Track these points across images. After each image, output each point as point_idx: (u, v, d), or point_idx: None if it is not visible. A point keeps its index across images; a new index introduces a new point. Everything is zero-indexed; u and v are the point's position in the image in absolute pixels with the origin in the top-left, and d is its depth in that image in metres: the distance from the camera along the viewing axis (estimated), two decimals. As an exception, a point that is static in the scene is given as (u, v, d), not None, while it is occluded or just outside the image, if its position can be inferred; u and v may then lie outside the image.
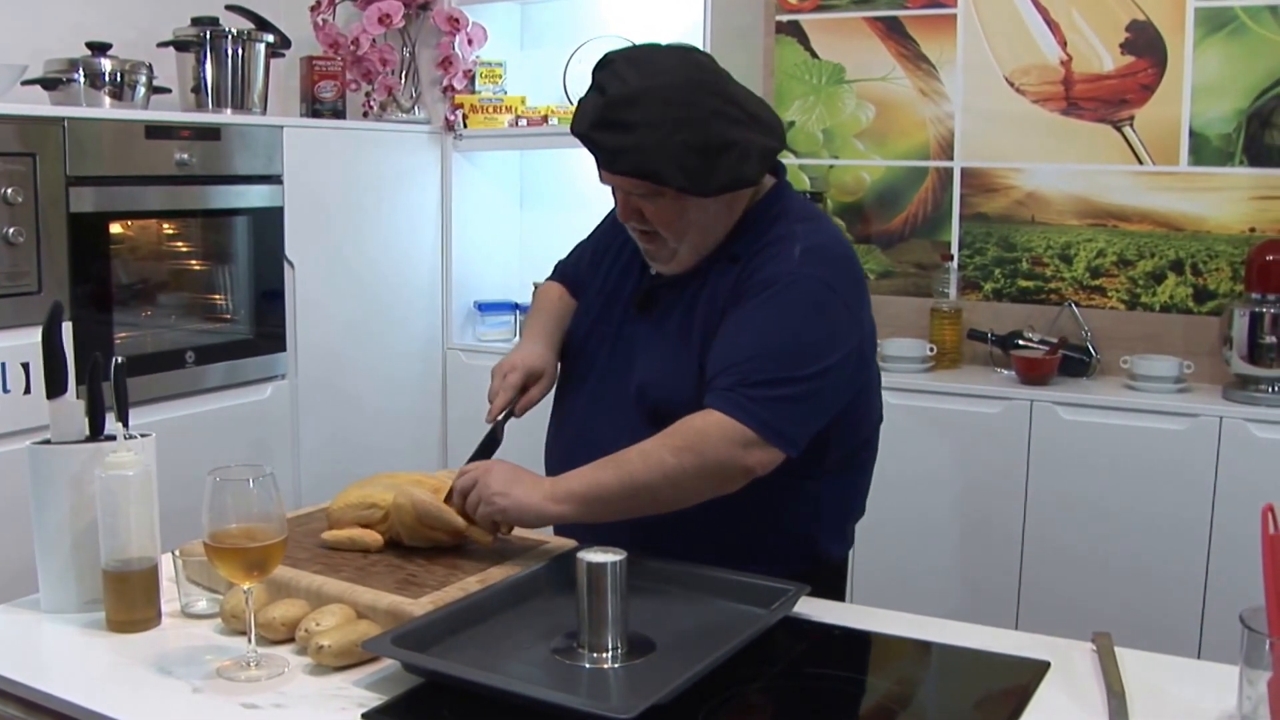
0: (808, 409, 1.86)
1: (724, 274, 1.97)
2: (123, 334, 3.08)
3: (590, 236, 2.31)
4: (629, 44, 2.07)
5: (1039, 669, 1.59)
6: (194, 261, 3.38)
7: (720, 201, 1.94)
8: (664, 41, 2.00)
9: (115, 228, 3.06)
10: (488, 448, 2.06)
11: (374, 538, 1.86)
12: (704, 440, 1.79)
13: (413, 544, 1.87)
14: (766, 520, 1.96)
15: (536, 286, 2.41)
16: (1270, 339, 3.11)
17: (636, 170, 1.86)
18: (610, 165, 1.89)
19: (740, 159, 1.88)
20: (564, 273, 2.33)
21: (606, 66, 1.91)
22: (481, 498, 1.84)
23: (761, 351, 1.83)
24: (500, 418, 2.08)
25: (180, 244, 3.33)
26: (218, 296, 3.43)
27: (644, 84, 1.85)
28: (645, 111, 1.84)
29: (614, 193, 1.99)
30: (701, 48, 3.54)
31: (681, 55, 1.93)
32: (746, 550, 1.93)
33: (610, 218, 2.23)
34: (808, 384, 1.84)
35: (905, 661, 1.69)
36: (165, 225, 3.26)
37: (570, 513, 1.83)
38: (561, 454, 2.08)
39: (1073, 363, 3.43)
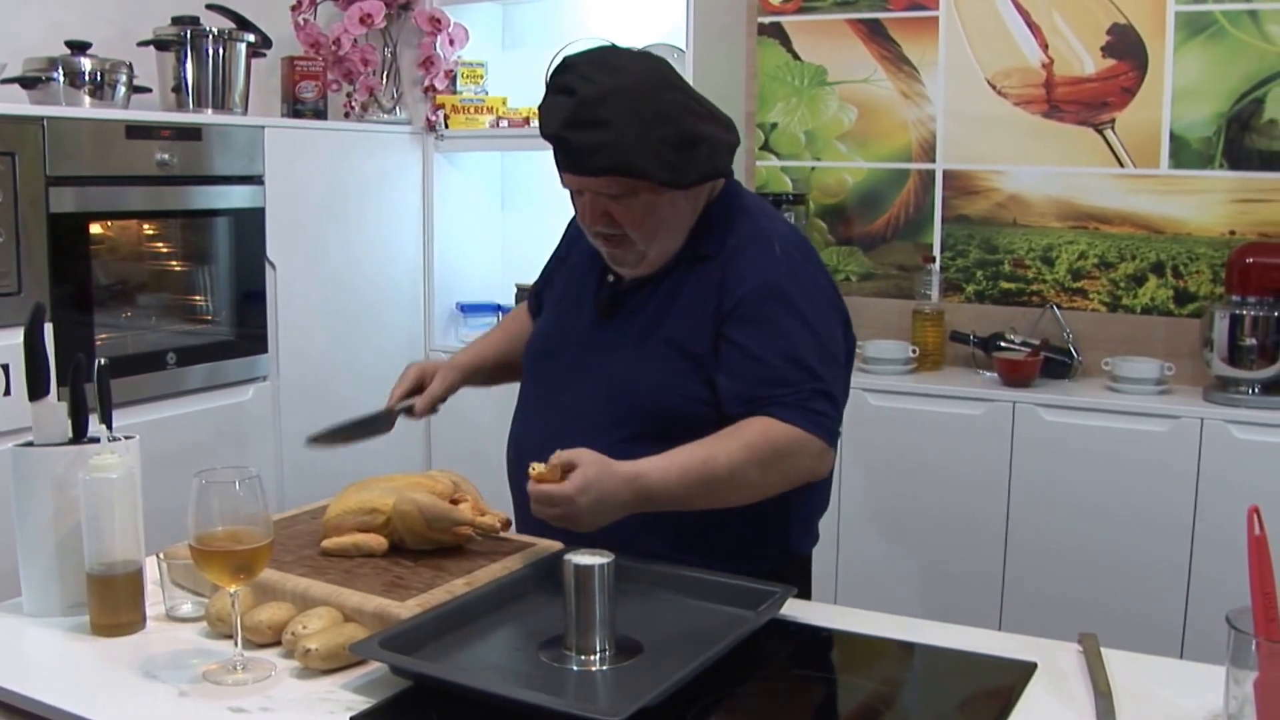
0: (842, 402, 1.98)
1: (699, 274, 1.98)
2: (103, 335, 3.06)
3: (554, 253, 2.32)
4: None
5: (1025, 670, 1.59)
6: (175, 262, 3.37)
7: (688, 199, 1.97)
8: (621, 45, 2.05)
9: (95, 228, 3.04)
10: (368, 426, 2.18)
11: (379, 542, 1.85)
12: (790, 458, 1.87)
13: (417, 547, 1.86)
14: (743, 519, 1.96)
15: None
16: (1250, 341, 3.13)
17: (616, 166, 1.87)
18: (586, 164, 1.88)
19: (712, 152, 1.92)
20: (530, 298, 2.37)
21: (569, 69, 1.92)
22: (558, 521, 1.77)
23: (802, 363, 1.90)
24: (396, 407, 2.17)
25: (161, 245, 3.32)
26: (199, 298, 3.42)
27: (614, 82, 1.87)
28: (619, 108, 1.86)
29: (574, 198, 2.00)
30: (684, 49, 3.59)
31: (641, 56, 1.98)
32: (723, 549, 1.96)
33: (569, 228, 2.26)
34: (838, 380, 1.97)
35: (892, 663, 1.69)
36: (146, 226, 3.25)
37: (643, 509, 1.82)
38: (529, 455, 2.00)
39: (1054, 364, 3.44)
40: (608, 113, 1.86)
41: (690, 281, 1.99)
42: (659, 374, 1.97)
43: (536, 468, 1.75)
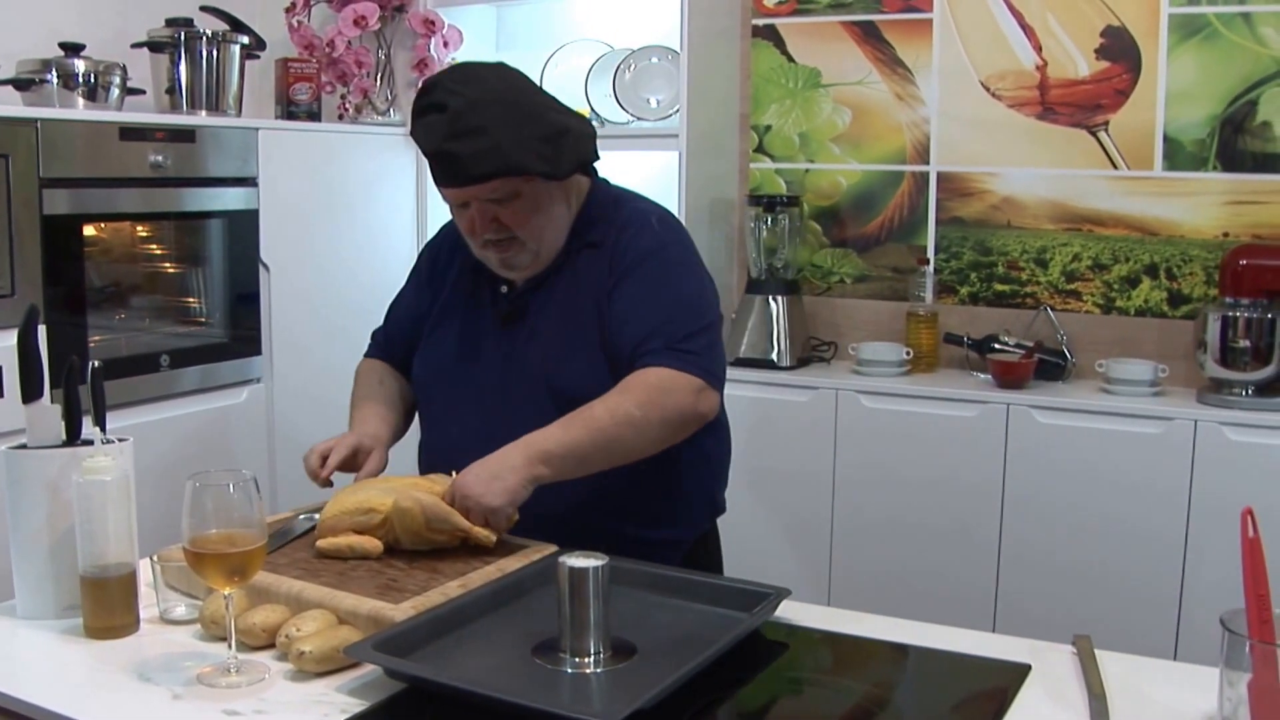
0: (720, 349, 2.10)
1: (592, 261, 2.12)
2: (96, 337, 3.06)
3: (410, 280, 2.40)
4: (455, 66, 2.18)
5: (1020, 672, 1.59)
6: (168, 264, 3.36)
7: (563, 191, 2.09)
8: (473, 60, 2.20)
9: (89, 230, 3.03)
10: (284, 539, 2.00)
11: (374, 544, 1.85)
12: (663, 394, 1.97)
13: (414, 547, 1.87)
14: (674, 480, 2.13)
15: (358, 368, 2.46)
16: (1244, 343, 3.14)
17: (500, 168, 1.97)
18: (472, 171, 1.97)
19: (578, 141, 2.06)
20: (387, 345, 2.42)
21: (434, 89, 2.01)
22: (470, 506, 1.87)
23: (673, 313, 2.04)
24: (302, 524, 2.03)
25: (155, 246, 3.31)
26: (192, 300, 3.41)
27: (478, 92, 1.99)
28: (490, 115, 1.97)
29: (458, 213, 2.09)
30: (678, 51, 3.59)
31: (494, 65, 2.11)
32: (661, 514, 2.13)
33: (425, 258, 2.36)
34: (712, 328, 2.08)
35: (886, 665, 1.69)
36: (139, 228, 3.24)
37: (549, 474, 1.93)
38: (464, 463, 2.02)
39: (1048, 366, 3.45)
40: (481, 120, 1.97)
41: (583, 269, 2.11)
42: (577, 364, 2.07)
43: None
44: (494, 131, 1.96)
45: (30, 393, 1.76)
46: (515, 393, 2.10)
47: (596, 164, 2.17)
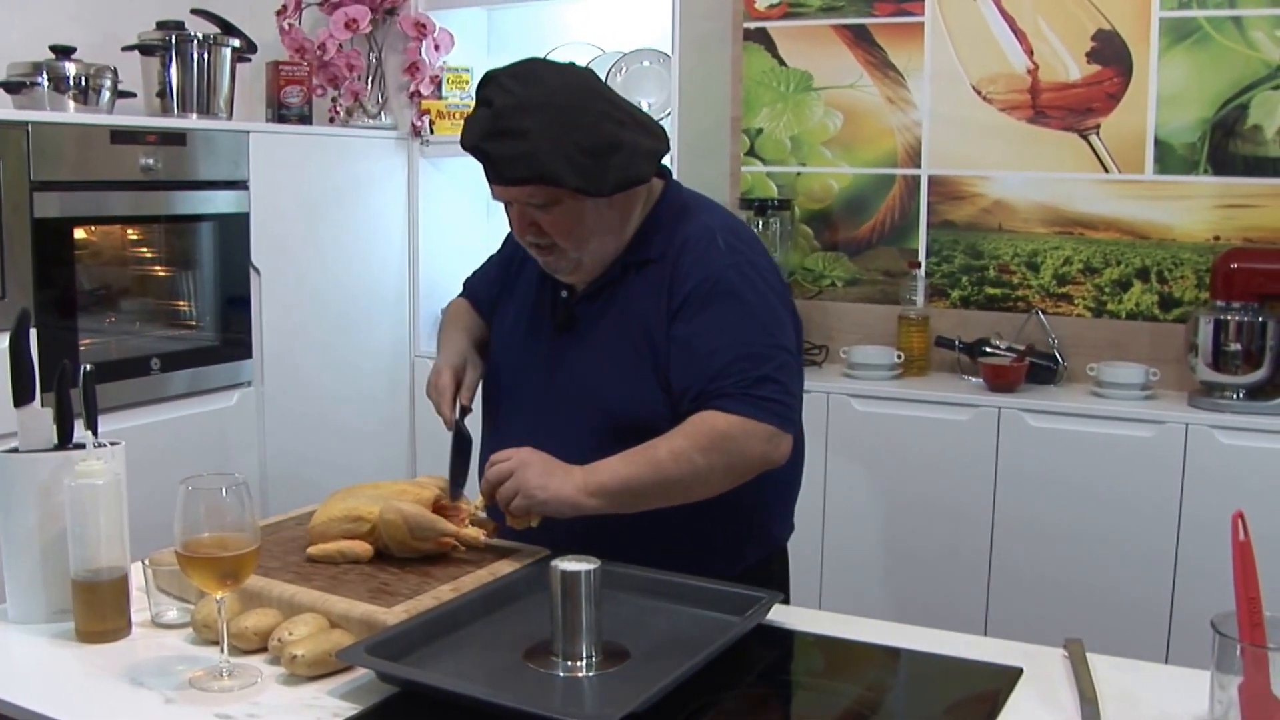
0: (795, 384, 1.97)
1: (648, 277, 2.01)
2: (87, 341, 3.05)
3: (499, 252, 2.33)
4: (528, 58, 2.10)
5: (1011, 675, 1.59)
6: (159, 268, 3.35)
7: (614, 205, 1.97)
8: (549, 58, 2.07)
9: (80, 233, 3.03)
10: (462, 449, 2.07)
11: (364, 548, 1.85)
12: (731, 441, 1.87)
13: (401, 555, 1.86)
14: (719, 511, 1.98)
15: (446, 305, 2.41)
16: (1235, 346, 3.14)
17: (532, 175, 1.88)
18: (504, 174, 1.90)
19: (629, 159, 1.93)
20: (472, 290, 2.37)
21: (490, 82, 1.93)
22: (520, 490, 1.86)
23: (745, 351, 1.91)
24: (457, 416, 2.08)
25: (145, 250, 3.31)
26: (183, 303, 3.41)
27: (530, 93, 1.89)
28: (535, 119, 1.87)
29: (506, 209, 2.01)
30: (669, 54, 3.59)
31: (563, 67, 2.01)
32: (704, 545, 2.00)
33: (509, 237, 2.24)
34: (787, 366, 1.94)
35: (878, 668, 1.69)
36: (130, 231, 3.23)
37: (602, 505, 1.87)
38: None
39: (1040, 370, 3.45)
40: (524, 122, 1.87)
41: (640, 287, 2.01)
42: (623, 382, 1.99)
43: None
44: (533, 137, 1.86)
45: (22, 396, 1.76)
46: (560, 403, 2.03)
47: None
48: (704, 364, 1.91)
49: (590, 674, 1.55)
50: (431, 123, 4.02)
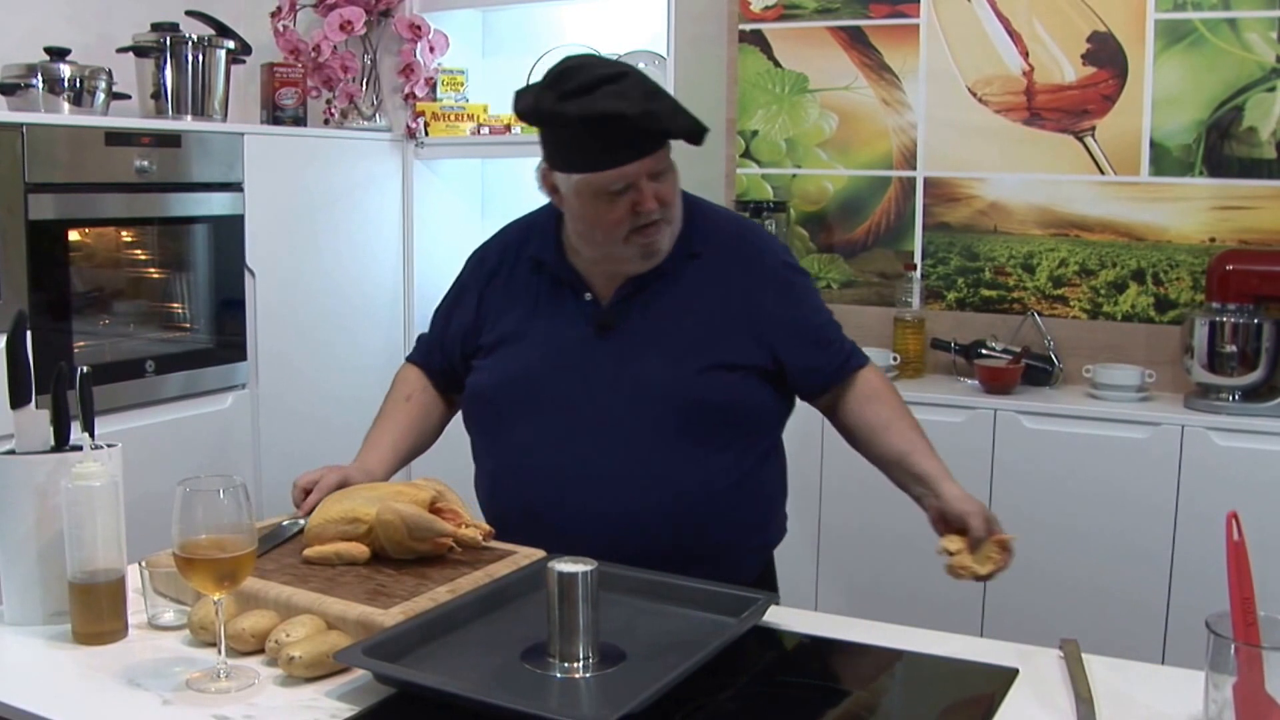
0: None
1: (698, 270, 2.07)
2: (81, 343, 3.05)
3: (445, 304, 2.28)
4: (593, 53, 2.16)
5: (1007, 676, 1.60)
6: (154, 270, 3.35)
7: None
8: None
9: (74, 235, 3.03)
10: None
11: (361, 550, 1.84)
12: (895, 390, 2.18)
13: (398, 556, 1.86)
14: (776, 485, 2.20)
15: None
16: (1230, 348, 3.15)
17: (694, 122, 1.94)
18: (671, 127, 1.93)
19: None
20: (427, 352, 2.31)
21: (584, 67, 1.93)
22: (987, 516, 2.02)
23: (830, 316, 2.19)
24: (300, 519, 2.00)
25: (140, 252, 3.31)
26: (178, 305, 3.41)
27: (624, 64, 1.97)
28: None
29: (600, 202, 1.96)
30: (664, 56, 3.59)
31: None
32: (761, 519, 2.15)
33: (472, 268, 2.24)
34: None
35: (874, 670, 1.69)
36: (125, 233, 3.23)
37: None
38: (576, 481, 2.02)
39: (1036, 372, 3.45)
40: (651, 83, 1.94)
41: (686, 278, 2.07)
42: (693, 372, 2.02)
43: (951, 546, 1.94)
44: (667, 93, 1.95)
45: (19, 398, 1.76)
46: (616, 403, 2.02)
47: None
48: (823, 338, 2.14)
49: (587, 675, 1.55)
50: (426, 124, 4.02)
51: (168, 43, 3.41)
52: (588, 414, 2.03)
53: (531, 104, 1.95)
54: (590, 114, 1.88)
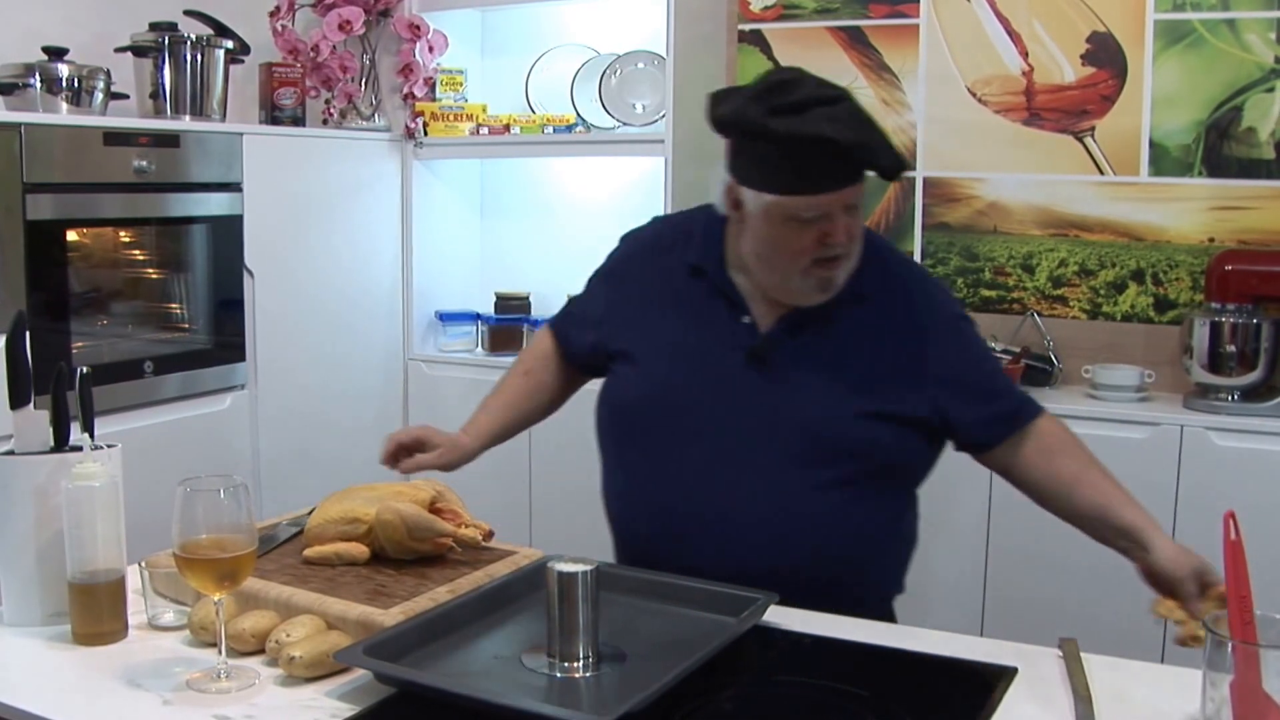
0: None
1: (866, 311, 1.99)
2: (79, 343, 3.04)
3: (590, 290, 2.24)
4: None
5: (1006, 675, 1.60)
6: (152, 270, 3.35)
7: None
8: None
9: (72, 235, 3.03)
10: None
11: (360, 550, 1.85)
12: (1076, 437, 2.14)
13: (398, 556, 1.86)
14: (910, 529, 2.20)
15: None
16: (1230, 348, 3.15)
17: (901, 161, 1.88)
18: (882, 162, 1.85)
19: None
20: (564, 324, 2.28)
21: (800, 83, 1.84)
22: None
23: (999, 364, 2.20)
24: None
25: (138, 252, 3.30)
26: (176, 306, 3.40)
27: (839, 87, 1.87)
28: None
29: (793, 231, 1.88)
30: (664, 56, 3.59)
31: None
32: (853, 594, 1.98)
33: (616, 265, 2.20)
34: None
35: (873, 668, 1.69)
36: (123, 233, 3.23)
37: None
38: (713, 514, 1.97)
39: (1035, 372, 3.45)
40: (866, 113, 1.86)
41: (845, 321, 1.98)
42: (850, 417, 1.94)
43: (1171, 617, 1.90)
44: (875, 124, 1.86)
45: (18, 399, 1.75)
46: (757, 434, 1.94)
47: None
48: (992, 389, 2.06)
49: (587, 675, 1.55)
50: (425, 124, 4.02)
51: (166, 42, 3.40)
52: (731, 445, 1.96)
53: (734, 113, 1.85)
54: (800, 135, 1.78)
